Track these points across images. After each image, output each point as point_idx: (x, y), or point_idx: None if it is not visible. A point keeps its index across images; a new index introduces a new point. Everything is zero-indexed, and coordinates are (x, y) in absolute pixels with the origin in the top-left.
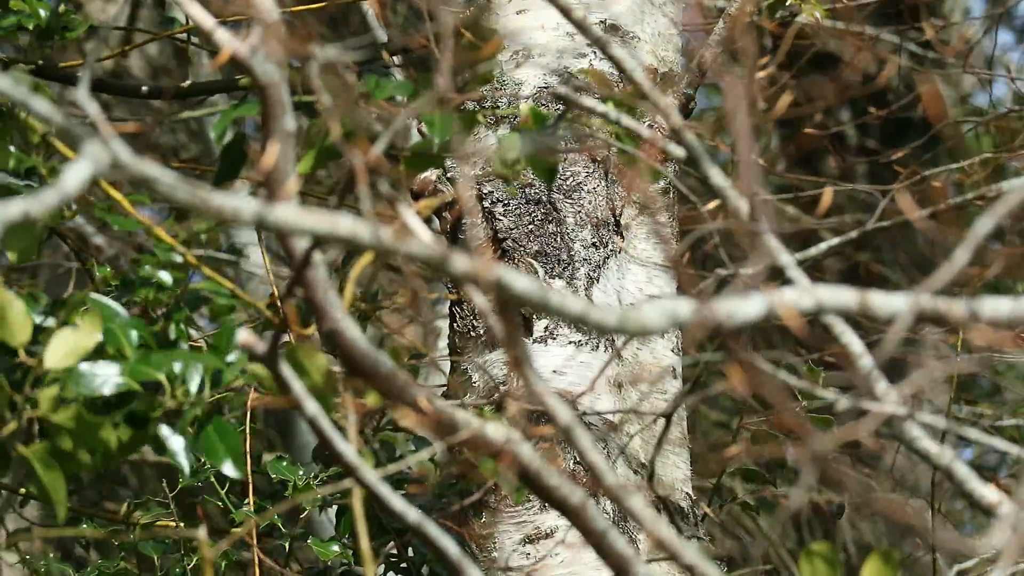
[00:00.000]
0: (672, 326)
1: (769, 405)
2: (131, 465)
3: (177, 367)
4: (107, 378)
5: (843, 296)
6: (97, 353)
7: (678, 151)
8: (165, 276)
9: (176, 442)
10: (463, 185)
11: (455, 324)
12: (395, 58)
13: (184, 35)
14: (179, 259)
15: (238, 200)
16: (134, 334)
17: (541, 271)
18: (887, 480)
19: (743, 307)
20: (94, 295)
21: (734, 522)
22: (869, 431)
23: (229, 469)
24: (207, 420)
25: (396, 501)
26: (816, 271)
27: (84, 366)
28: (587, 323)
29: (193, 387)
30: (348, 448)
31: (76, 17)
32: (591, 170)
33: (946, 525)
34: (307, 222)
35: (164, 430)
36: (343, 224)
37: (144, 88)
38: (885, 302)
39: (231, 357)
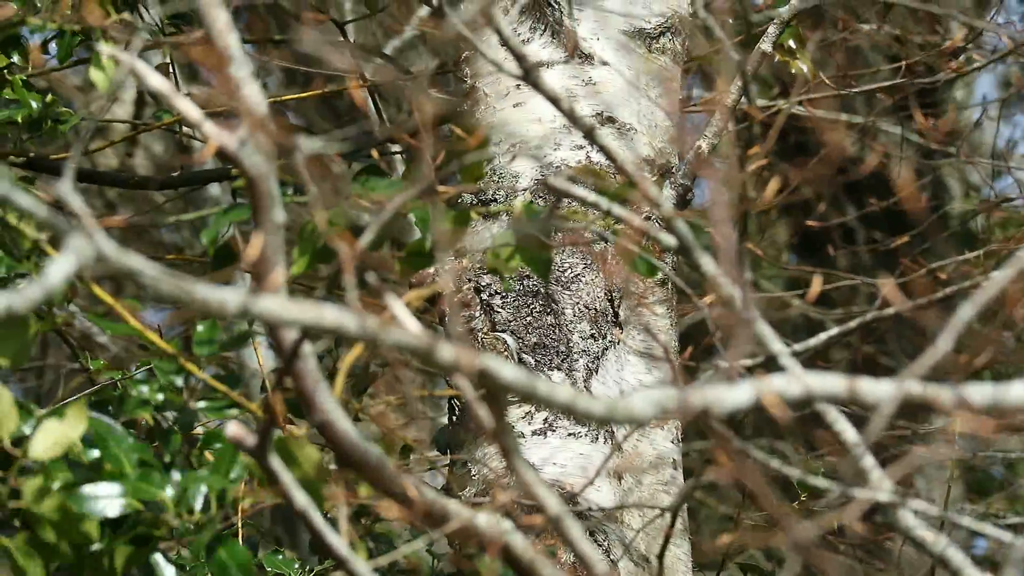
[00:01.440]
0: (660, 415)
1: (754, 494)
2: None
3: (177, 487)
4: (109, 499)
5: (832, 383)
6: (95, 471)
7: (669, 240)
8: (158, 394)
9: (169, 571)
10: (457, 279)
11: (453, 418)
12: (394, 147)
13: (179, 127)
14: (180, 382)
15: (223, 292)
16: (133, 454)
17: (513, 346)
18: (894, 572)
19: (731, 395)
20: (94, 413)
21: None
22: (855, 517)
23: None
24: (217, 542)
25: None
26: (823, 363)
27: (86, 488)
28: (575, 412)
29: (197, 507)
30: (338, 540)
31: (67, 110)
32: (589, 262)
33: None
34: (292, 313)
35: (158, 557)
36: (329, 315)
37: (136, 178)
38: (873, 389)
39: (234, 474)
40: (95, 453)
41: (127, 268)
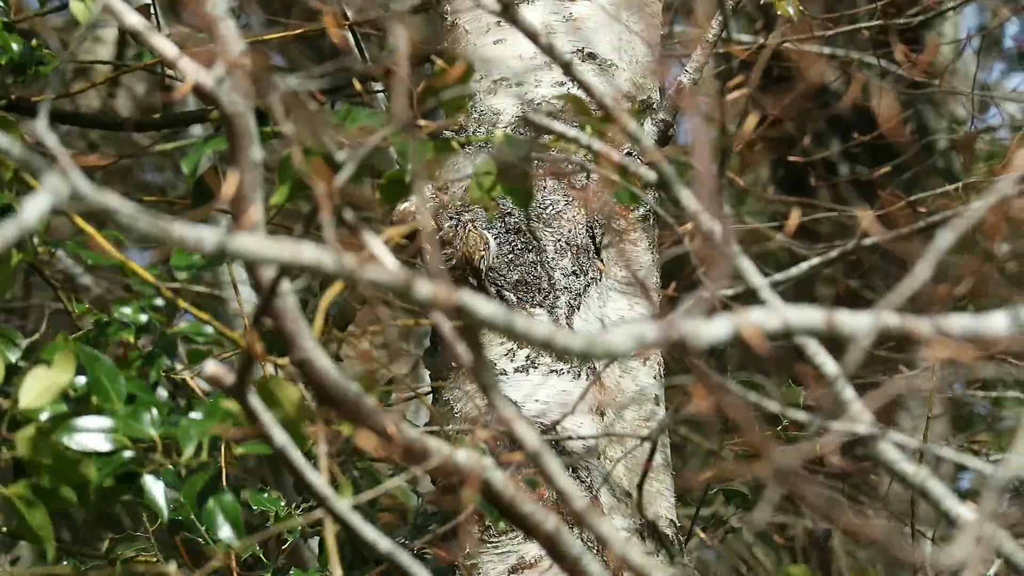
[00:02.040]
0: (638, 349)
1: (735, 425)
2: (124, 506)
3: (167, 427)
4: (99, 433)
5: (810, 316)
6: (82, 403)
7: (649, 175)
8: (141, 316)
9: (157, 488)
10: (439, 216)
11: (437, 354)
12: (376, 84)
13: (161, 67)
14: (160, 302)
15: (199, 230)
16: (121, 380)
17: (493, 246)
18: (879, 505)
19: (709, 328)
20: (82, 345)
21: (731, 553)
22: (833, 448)
23: (227, 533)
24: (209, 489)
25: (367, 530)
26: (809, 299)
27: (76, 422)
28: (553, 347)
29: (189, 451)
30: (318, 478)
31: (49, 52)
32: (570, 198)
33: (922, 544)
34: (270, 251)
35: (147, 478)
36: (306, 252)
37: (120, 120)
38: (851, 321)
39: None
40: (81, 379)
41: (103, 206)
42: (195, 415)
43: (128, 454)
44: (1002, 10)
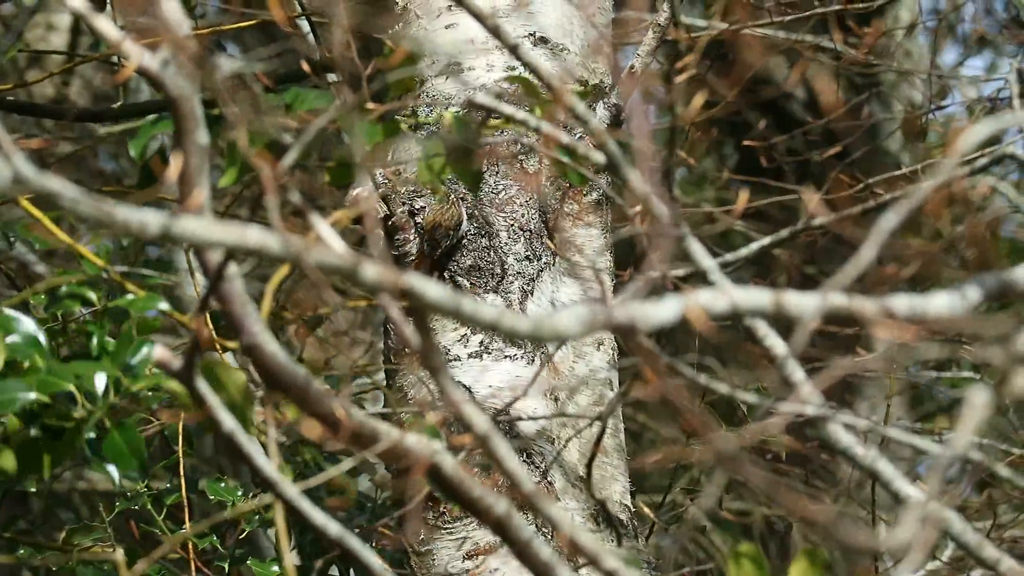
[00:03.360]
0: (586, 331)
1: (680, 409)
2: (81, 496)
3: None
4: (16, 394)
5: (757, 297)
6: (10, 370)
7: (599, 157)
8: (90, 293)
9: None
10: (391, 202)
11: (389, 341)
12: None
13: (119, 60)
14: (104, 274)
15: (143, 214)
16: (42, 339)
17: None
18: (838, 491)
19: (657, 310)
20: (7, 311)
21: (690, 540)
22: (781, 430)
23: (134, 470)
24: (112, 427)
25: (317, 515)
26: (764, 282)
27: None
28: (500, 329)
29: (98, 393)
30: (267, 463)
31: (4, 42)
32: (523, 182)
33: (869, 525)
34: (215, 234)
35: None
36: (252, 235)
37: (70, 109)
38: (798, 302)
39: (133, 360)
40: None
41: (45, 190)
42: (99, 360)
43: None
44: None
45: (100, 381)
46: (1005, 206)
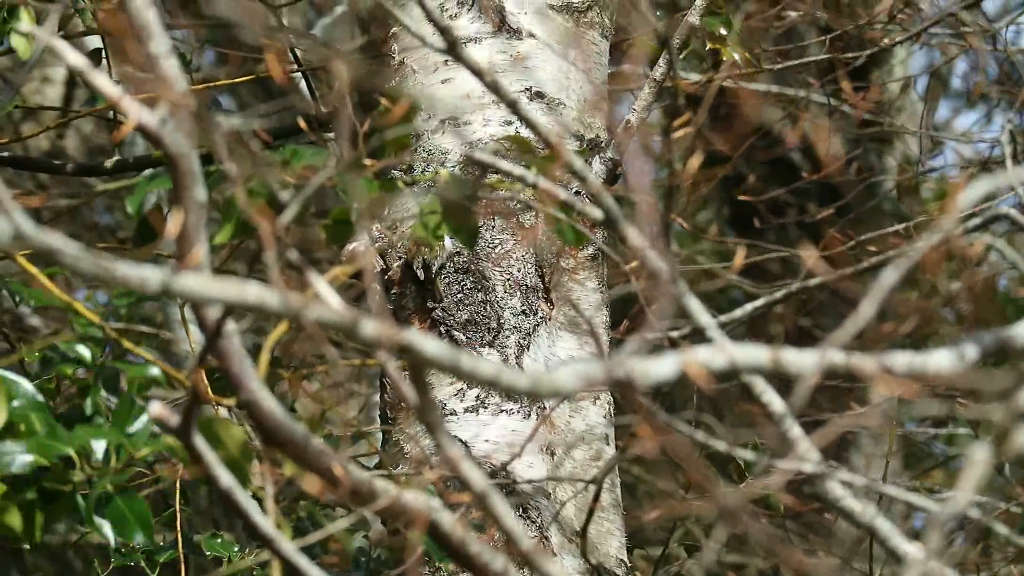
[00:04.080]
0: (584, 387)
1: (681, 465)
2: (76, 551)
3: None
4: (14, 456)
5: (756, 354)
6: (7, 432)
7: (596, 213)
8: (84, 352)
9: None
10: (388, 256)
11: (386, 395)
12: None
13: (113, 114)
14: (98, 333)
15: (143, 270)
16: (39, 399)
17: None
18: (829, 543)
19: (655, 367)
20: (2, 371)
21: None
22: (780, 487)
23: (140, 539)
24: (117, 492)
25: (314, 572)
26: (761, 338)
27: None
28: (499, 386)
29: (98, 456)
30: (264, 519)
31: (1, 97)
32: (520, 237)
33: None
34: (214, 290)
35: (82, 502)
36: (251, 292)
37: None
38: (797, 359)
39: (134, 428)
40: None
41: (46, 246)
42: (101, 425)
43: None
44: (949, 48)
45: (100, 447)
46: (1001, 263)
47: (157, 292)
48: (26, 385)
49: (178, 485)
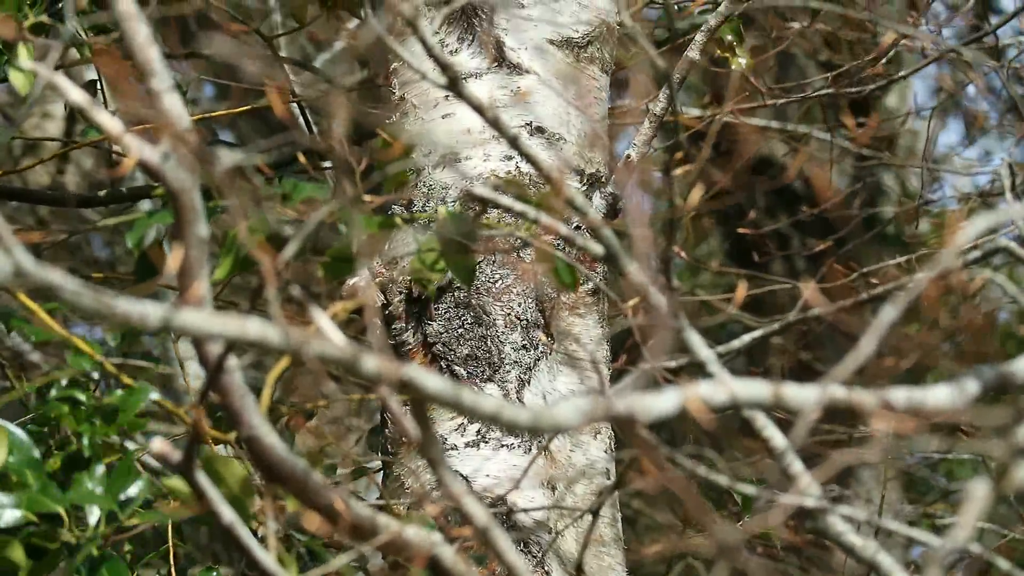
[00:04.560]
0: (585, 423)
1: (681, 499)
2: None
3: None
4: (3, 508)
5: (756, 389)
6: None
7: (596, 248)
8: (80, 395)
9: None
10: (388, 291)
11: (386, 430)
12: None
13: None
14: (95, 373)
15: (144, 306)
16: (36, 454)
17: None
18: None
19: (656, 402)
20: (2, 421)
21: None
22: (781, 522)
23: None
24: (102, 560)
25: None
26: (761, 371)
27: None
28: (500, 421)
29: (92, 523)
30: (266, 555)
31: (2, 130)
32: (520, 272)
33: None
34: (215, 326)
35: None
36: (252, 327)
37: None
38: (797, 394)
39: (132, 491)
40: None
41: (46, 282)
42: (94, 490)
43: (33, 529)
44: (947, 80)
45: (94, 515)
46: (1001, 297)
47: (158, 328)
48: (20, 435)
49: (170, 525)
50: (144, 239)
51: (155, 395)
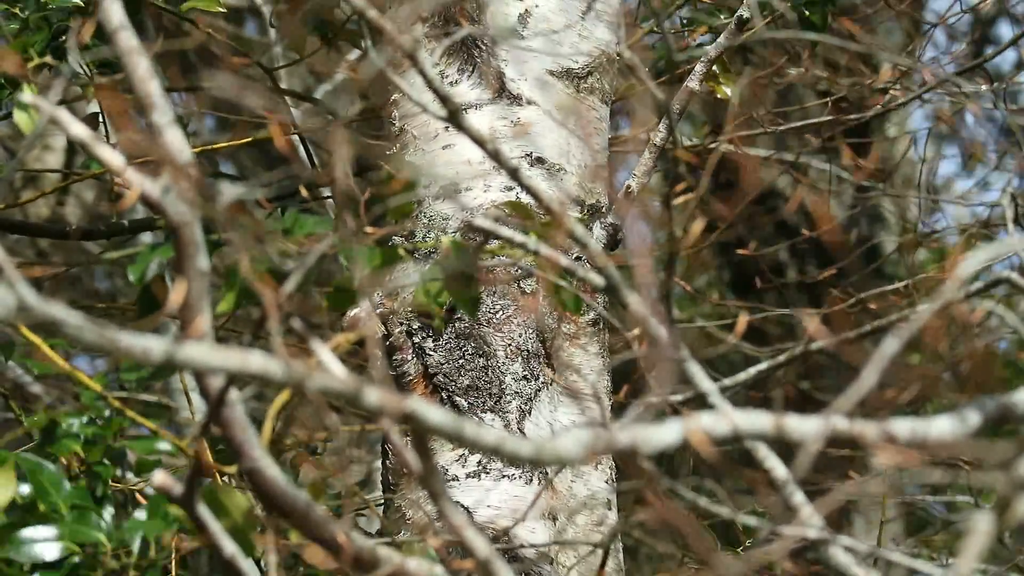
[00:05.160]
0: (587, 455)
1: (683, 532)
2: None
3: (113, 529)
4: (46, 542)
5: (759, 421)
6: (28, 511)
7: (597, 280)
8: (90, 430)
9: None
10: (389, 322)
11: (387, 461)
12: (325, 191)
13: (110, 176)
14: (106, 411)
15: (146, 340)
16: (66, 486)
17: None
18: None
19: (658, 434)
20: (22, 453)
21: None
22: (783, 554)
23: None
24: None
25: None
26: (762, 401)
27: (23, 532)
28: (502, 453)
29: (135, 548)
30: None
31: (3, 165)
32: (521, 303)
33: None
34: (217, 360)
35: None
36: (254, 361)
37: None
38: (799, 425)
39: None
40: (25, 489)
41: (50, 317)
42: (139, 514)
43: (77, 560)
44: (944, 112)
45: (138, 536)
46: (1003, 328)
47: (160, 362)
48: (45, 463)
49: (173, 547)
50: (146, 273)
51: (164, 445)
